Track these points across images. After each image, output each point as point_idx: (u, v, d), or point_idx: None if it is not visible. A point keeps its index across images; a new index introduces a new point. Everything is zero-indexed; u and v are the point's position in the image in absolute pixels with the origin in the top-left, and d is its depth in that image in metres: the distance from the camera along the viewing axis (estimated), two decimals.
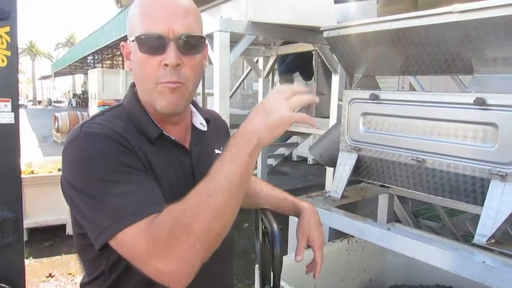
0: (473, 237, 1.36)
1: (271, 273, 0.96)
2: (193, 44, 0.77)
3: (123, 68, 20.63)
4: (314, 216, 1.04)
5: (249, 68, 4.70)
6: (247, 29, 2.39)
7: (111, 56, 24.61)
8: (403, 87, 5.35)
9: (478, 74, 1.45)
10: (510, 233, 2.14)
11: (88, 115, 10.24)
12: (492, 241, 1.31)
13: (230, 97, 3.30)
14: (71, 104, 34.36)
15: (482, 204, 1.38)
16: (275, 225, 0.93)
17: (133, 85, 0.86)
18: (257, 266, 1.41)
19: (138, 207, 0.65)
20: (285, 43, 3.83)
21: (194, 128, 0.91)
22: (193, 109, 0.94)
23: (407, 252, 1.44)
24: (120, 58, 23.29)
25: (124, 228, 0.63)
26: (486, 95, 1.36)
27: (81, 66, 30.03)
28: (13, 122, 2.47)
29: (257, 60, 4.33)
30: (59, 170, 3.61)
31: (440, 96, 1.50)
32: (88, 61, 27.12)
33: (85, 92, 33.40)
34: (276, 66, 4.53)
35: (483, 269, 1.21)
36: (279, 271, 0.92)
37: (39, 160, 4.70)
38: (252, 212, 1.14)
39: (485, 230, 1.33)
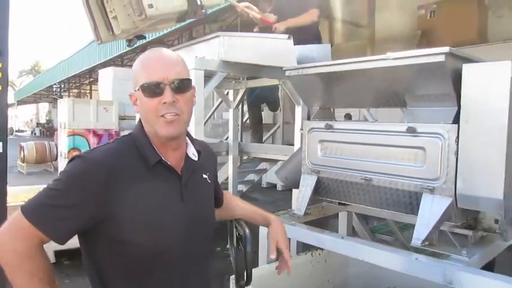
0: None
1: (245, 270, 1.19)
2: (183, 85, 1.04)
3: (90, 97, 20.50)
4: (281, 226, 1.33)
5: (220, 99, 4.98)
6: (219, 67, 2.68)
7: (78, 84, 24.39)
8: (364, 117, 5.77)
9: (410, 107, 1.78)
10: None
11: (56, 145, 10.07)
12: (426, 243, 1.60)
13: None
14: (34, 133, 32.87)
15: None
16: (247, 229, 1.17)
17: (140, 120, 1.10)
18: (232, 277, 1.62)
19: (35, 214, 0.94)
20: (253, 77, 4.14)
21: (187, 157, 1.13)
22: (188, 141, 1.16)
23: (358, 256, 1.71)
24: (88, 87, 23.13)
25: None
26: (416, 124, 1.68)
27: (46, 94, 29.46)
28: (1, 151, 2.60)
29: (227, 93, 4.61)
30: None
31: (380, 125, 1.82)
32: (54, 89, 26.68)
33: (50, 121, 32.40)
34: (245, 98, 4.82)
35: (416, 264, 1.49)
36: (252, 266, 1.16)
37: (8, 190, 4.66)
38: (227, 223, 1.37)
39: (420, 234, 1.61)
